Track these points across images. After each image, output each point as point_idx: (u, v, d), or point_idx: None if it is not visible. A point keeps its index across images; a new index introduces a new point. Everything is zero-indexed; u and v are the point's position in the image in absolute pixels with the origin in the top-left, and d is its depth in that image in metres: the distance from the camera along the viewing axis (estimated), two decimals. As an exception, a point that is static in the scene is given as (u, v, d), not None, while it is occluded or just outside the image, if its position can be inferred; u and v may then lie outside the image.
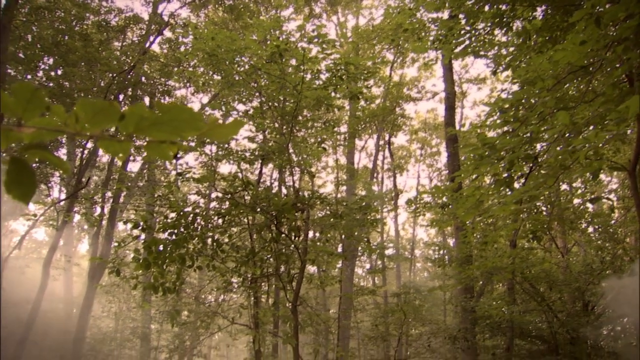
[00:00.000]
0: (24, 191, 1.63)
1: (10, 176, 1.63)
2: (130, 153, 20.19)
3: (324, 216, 8.92)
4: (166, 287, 6.98)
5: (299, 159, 11.72)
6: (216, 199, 7.95)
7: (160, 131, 1.36)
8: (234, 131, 1.38)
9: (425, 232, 38.61)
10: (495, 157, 5.69)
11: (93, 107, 1.35)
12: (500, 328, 14.67)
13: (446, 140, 16.62)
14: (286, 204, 7.10)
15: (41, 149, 1.66)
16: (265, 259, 8.75)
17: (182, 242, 6.80)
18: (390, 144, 30.22)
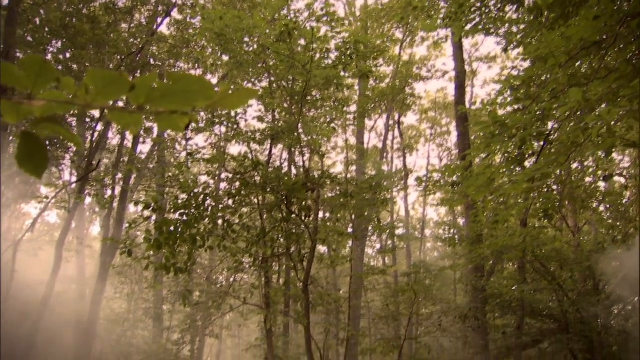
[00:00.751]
0: (36, 165, 1.63)
1: (22, 151, 1.62)
2: (140, 134, 20.23)
3: (334, 196, 8.91)
4: (178, 268, 7.02)
5: (308, 138, 11.70)
6: (226, 179, 7.96)
7: (172, 102, 1.35)
8: (245, 100, 1.36)
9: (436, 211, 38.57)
10: (506, 135, 5.63)
11: (103, 78, 1.34)
12: (511, 307, 14.68)
13: (456, 120, 16.51)
14: (296, 183, 7.09)
15: (52, 122, 1.65)
16: (276, 239, 8.77)
17: (192, 222, 6.82)
18: (400, 123, 30.10)
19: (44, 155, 1.64)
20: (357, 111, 19.92)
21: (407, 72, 24.12)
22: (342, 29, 9.27)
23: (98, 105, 1.39)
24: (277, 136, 9.75)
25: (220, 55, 13.56)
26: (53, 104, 1.45)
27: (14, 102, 1.45)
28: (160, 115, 1.40)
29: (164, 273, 15.72)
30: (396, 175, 21.16)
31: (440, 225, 25.77)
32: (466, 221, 15.14)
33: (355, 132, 23.07)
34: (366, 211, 10.81)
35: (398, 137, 31.31)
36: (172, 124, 1.47)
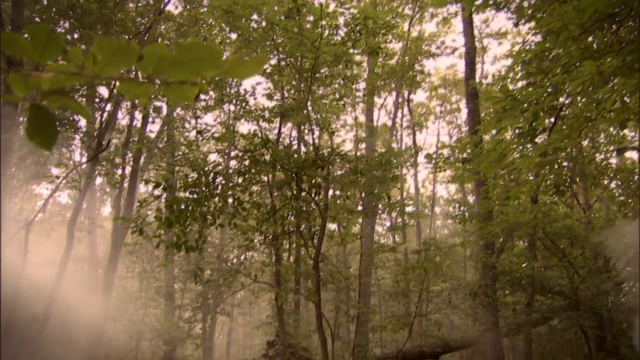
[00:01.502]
0: (46, 138, 1.62)
1: (31, 123, 1.61)
2: (149, 114, 20.21)
3: (344, 173, 8.89)
4: (189, 245, 7.05)
5: (317, 116, 11.66)
6: (236, 157, 7.95)
7: (181, 71, 1.33)
8: (256, 69, 1.34)
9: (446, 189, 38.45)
10: (518, 109, 5.57)
11: (111, 48, 1.32)
12: (521, 284, 14.67)
13: (466, 96, 16.38)
14: (306, 161, 7.08)
15: (61, 95, 1.63)
16: (286, 217, 8.79)
17: (203, 200, 6.83)
18: (410, 101, 29.93)
19: (54, 128, 1.63)
20: (366, 88, 19.80)
21: (416, 49, 23.91)
22: (351, 5, 9.17)
23: (106, 76, 1.37)
24: (286, 114, 9.71)
25: (228, 33, 13.46)
26: (61, 75, 1.43)
27: (22, 73, 1.43)
28: (169, 85, 1.38)
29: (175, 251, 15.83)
30: (406, 152, 21.12)
31: (451, 203, 25.74)
32: (476, 198, 15.10)
33: (365, 109, 22.98)
34: (376, 188, 10.79)
35: (407, 114, 31.17)
36: (182, 95, 1.45)
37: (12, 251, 20.93)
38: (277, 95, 11.33)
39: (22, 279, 19.95)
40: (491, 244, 14.30)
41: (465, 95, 16.67)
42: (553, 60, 5.91)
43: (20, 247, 20.82)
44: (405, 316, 15.49)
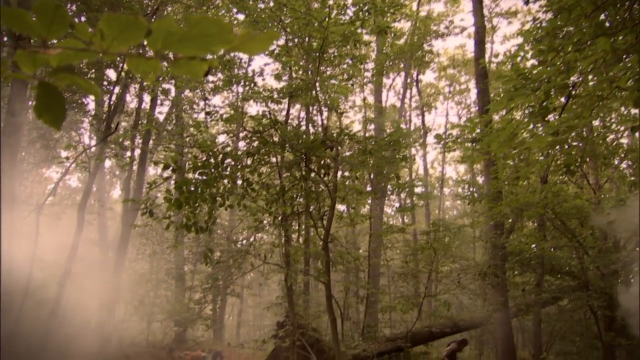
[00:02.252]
0: (54, 116, 1.60)
1: (40, 101, 1.59)
2: (157, 95, 20.18)
3: (353, 153, 8.85)
4: (198, 226, 7.06)
5: (325, 97, 11.60)
6: (245, 138, 7.93)
7: (190, 46, 1.31)
8: (266, 44, 1.31)
9: (454, 170, 38.36)
10: (529, 88, 5.51)
11: (119, 23, 1.30)
12: (530, 264, 14.66)
13: (476, 76, 16.24)
14: (315, 141, 7.04)
15: (69, 72, 1.61)
16: (296, 197, 8.78)
17: (212, 181, 6.83)
18: (418, 81, 29.75)
19: (62, 105, 1.62)
20: (375, 69, 19.69)
21: (425, 29, 23.71)
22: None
23: (115, 52, 1.35)
24: (295, 94, 9.66)
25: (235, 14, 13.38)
26: (69, 52, 1.41)
27: (29, 50, 1.41)
28: (178, 61, 1.36)
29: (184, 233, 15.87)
30: (414, 133, 21.03)
31: (460, 184, 25.66)
32: (486, 179, 15.03)
33: (373, 90, 22.85)
34: (385, 169, 10.76)
35: (416, 95, 31.01)
36: (191, 71, 1.43)
37: (23, 235, 21.09)
38: (285, 76, 11.27)
39: (34, 262, 20.13)
40: (500, 225, 14.27)
41: (475, 75, 16.53)
42: (565, 38, 5.83)
43: (31, 230, 20.98)
44: (414, 297, 15.54)
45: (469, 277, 14.61)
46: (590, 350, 15.95)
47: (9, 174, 14.46)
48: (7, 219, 15.18)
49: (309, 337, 13.70)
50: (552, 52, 5.80)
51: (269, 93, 9.66)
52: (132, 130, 20.24)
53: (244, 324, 35.97)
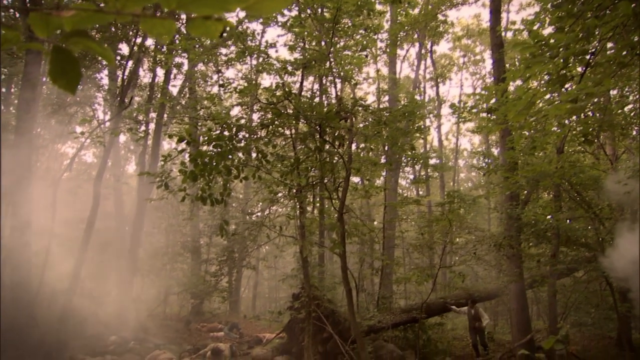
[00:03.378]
0: (69, 80, 1.59)
1: (54, 66, 1.58)
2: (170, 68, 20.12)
3: (368, 124, 8.79)
4: (214, 198, 7.08)
5: (339, 69, 11.51)
6: (259, 110, 7.90)
7: (205, 5, 1.28)
8: (282, 3, 1.28)
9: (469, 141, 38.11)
10: (547, 55, 5.41)
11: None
12: (546, 236, 14.58)
13: (491, 46, 15.99)
14: (330, 112, 7.00)
15: (83, 37, 1.59)
16: (310, 169, 8.77)
17: (227, 154, 6.82)
18: (433, 52, 29.42)
19: (77, 70, 1.60)
20: (388, 39, 19.47)
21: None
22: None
23: (128, 12, 1.33)
24: (309, 65, 9.59)
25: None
26: (83, 13, 1.39)
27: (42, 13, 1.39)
28: (193, 21, 1.34)
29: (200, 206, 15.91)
30: (429, 104, 20.87)
31: (475, 155, 25.52)
32: (501, 149, 14.89)
33: (387, 62, 22.65)
34: (400, 140, 10.69)
35: (430, 66, 30.71)
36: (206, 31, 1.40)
37: (41, 210, 21.34)
38: (299, 47, 11.18)
39: (52, 236, 20.39)
40: (516, 196, 14.18)
41: (490, 45, 16.26)
42: (584, 3, 5.69)
43: (49, 205, 21.21)
44: (429, 268, 15.56)
45: (484, 249, 14.59)
46: (605, 322, 15.92)
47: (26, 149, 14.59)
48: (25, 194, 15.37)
49: (325, 308, 13.82)
50: (571, 18, 5.68)
51: (282, 64, 9.60)
52: (146, 104, 20.25)
53: (259, 297, 36.32)
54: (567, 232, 14.66)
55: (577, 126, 9.95)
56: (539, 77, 7.99)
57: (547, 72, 5.84)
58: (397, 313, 15.46)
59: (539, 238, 14.80)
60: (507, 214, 13.85)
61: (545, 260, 15.42)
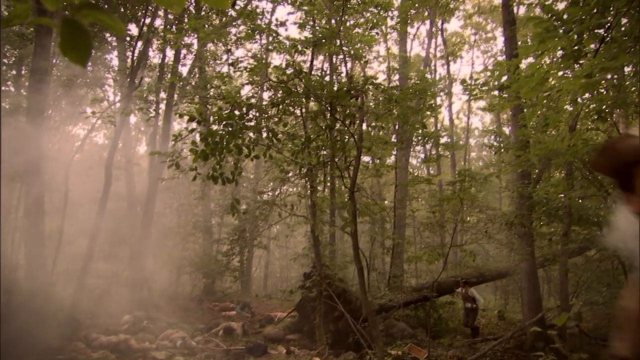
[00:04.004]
0: (80, 53, 1.58)
1: (64, 38, 1.56)
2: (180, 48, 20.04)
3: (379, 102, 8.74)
4: (225, 177, 7.09)
5: (349, 48, 11.42)
6: (269, 88, 7.86)
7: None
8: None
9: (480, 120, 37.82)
10: (562, 30, 5.32)
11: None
12: (557, 214, 14.50)
13: (503, 23, 15.78)
14: (340, 90, 6.95)
15: (93, 9, 1.58)
16: (321, 147, 8.76)
17: (237, 132, 6.81)
18: (444, 30, 29.14)
19: (88, 42, 1.59)
20: (399, 17, 19.27)
21: (450, -25, 23.05)
22: None
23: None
24: (319, 43, 9.52)
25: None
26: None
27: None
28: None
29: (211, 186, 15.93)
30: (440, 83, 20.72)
31: (486, 133, 25.35)
32: (512, 128, 14.77)
33: (398, 41, 22.46)
34: (411, 118, 10.63)
35: (441, 44, 30.43)
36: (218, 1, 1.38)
37: (54, 191, 21.51)
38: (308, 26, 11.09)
39: (65, 217, 20.56)
40: (527, 174, 14.10)
41: (502, 22, 16.05)
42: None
43: (61, 187, 21.37)
44: (440, 247, 15.57)
45: (495, 227, 14.55)
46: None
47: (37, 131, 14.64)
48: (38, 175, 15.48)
49: (336, 287, 13.88)
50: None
51: (292, 43, 9.53)
52: (157, 84, 20.24)
53: (270, 276, 36.54)
54: (579, 210, 14.57)
55: (590, 103, 9.84)
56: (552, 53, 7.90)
57: (560, 48, 5.76)
58: (408, 292, 15.51)
59: (550, 217, 14.72)
60: (518, 193, 13.78)
61: (557, 239, 15.36)
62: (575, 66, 5.90)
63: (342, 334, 13.31)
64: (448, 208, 13.89)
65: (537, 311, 12.42)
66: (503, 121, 28.22)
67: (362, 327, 12.79)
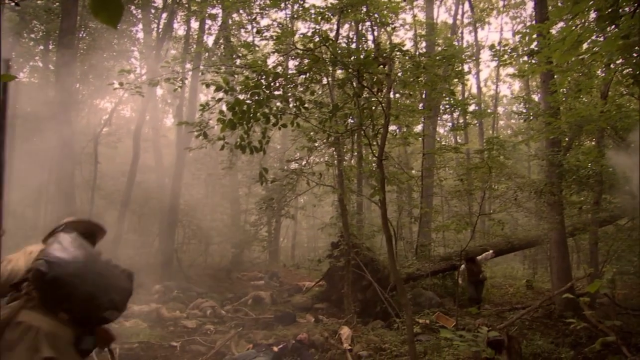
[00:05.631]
0: (111, 14, 1.56)
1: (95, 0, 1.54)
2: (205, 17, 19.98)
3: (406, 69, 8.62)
4: (253, 146, 7.10)
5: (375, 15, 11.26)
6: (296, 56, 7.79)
7: None
8: None
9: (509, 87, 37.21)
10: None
11: None
12: (588, 183, 14.27)
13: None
14: (368, 57, 6.87)
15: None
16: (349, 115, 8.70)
17: (265, 101, 6.79)
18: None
19: (119, 2, 1.57)
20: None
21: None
22: None
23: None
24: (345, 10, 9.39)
25: None
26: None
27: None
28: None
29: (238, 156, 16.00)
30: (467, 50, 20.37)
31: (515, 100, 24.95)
32: (542, 95, 14.48)
33: (424, 7, 22.08)
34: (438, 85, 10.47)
35: (468, 10, 29.83)
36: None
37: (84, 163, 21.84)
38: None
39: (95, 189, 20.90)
40: (557, 142, 13.86)
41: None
42: None
43: (91, 159, 21.69)
44: (468, 216, 15.47)
45: (524, 195, 14.39)
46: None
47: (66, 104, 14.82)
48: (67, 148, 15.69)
49: (364, 256, 13.93)
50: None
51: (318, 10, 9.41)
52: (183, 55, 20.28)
53: (298, 246, 36.78)
54: (610, 178, 14.33)
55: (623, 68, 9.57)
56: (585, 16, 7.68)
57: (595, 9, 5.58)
58: (435, 261, 15.51)
59: (581, 185, 14.49)
60: (548, 161, 13.57)
61: (587, 207, 15.15)
62: (609, 29, 5.73)
63: (370, 302, 13.40)
64: (476, 176, 13.74)
65: (566, 281, 12.31)
66: (532, 88, 27.72)
67: (389, 296, 12.85)
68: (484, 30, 72.01)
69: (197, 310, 13.87)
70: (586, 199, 15.87)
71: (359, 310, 13.00)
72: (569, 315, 10.42)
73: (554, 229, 13.22)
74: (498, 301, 15.38)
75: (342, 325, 11.52)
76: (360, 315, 12.77)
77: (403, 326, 10.95)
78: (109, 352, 3.83)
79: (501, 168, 12.84)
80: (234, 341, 10.53)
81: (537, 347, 9.67)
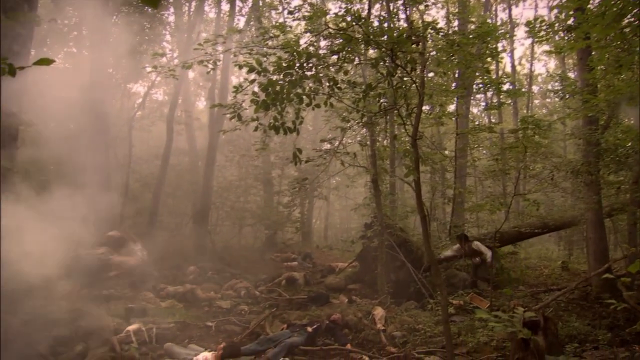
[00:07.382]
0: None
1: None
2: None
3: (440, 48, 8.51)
4: (286, 127, 7.11)
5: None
6: (328, 36, 7.75)
7: None
8: None
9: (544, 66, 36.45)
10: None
11: None
12: (627, 162, 13.94)
13: (570, -40, 14.98)
14: (401, 35, 6.80)
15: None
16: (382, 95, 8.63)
17: (298, 82, 6.79)
18: (505, -29, 27.92)
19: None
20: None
21: None
22: None
23: None
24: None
25: None
26: None
27: None
28: None
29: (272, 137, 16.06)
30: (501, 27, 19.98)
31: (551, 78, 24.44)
32: (579, 72, 14.13)
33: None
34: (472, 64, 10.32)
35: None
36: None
37: (118, 147, 22.19)
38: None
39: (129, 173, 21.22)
40: (595, 120, 13.55)
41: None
42: None
43: (125, 143, 22.02)
44: (502, 196, 15.28)
45: (561, 175, 14.14)
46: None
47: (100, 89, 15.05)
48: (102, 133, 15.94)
49: (397, 237, 13.91)
50: None
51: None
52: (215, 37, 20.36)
53: (331, 227, 36.86)
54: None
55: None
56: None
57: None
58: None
59: (619, 164, 14.15)
60: (585, 140, 13.29)
61: (626, 187, 14.81)
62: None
63: (403, 283, 13.39)
64: (511, 156, 13.55)
65: (603, 262, 12.11)
66: (568, 66, 27.10)
67: (423, 277, 12.83)
68: (518, 7, 70.42)
69: (231, 290, 14.05)
70: (625, 178, 15.50)
71: (392, 291, 13.02)
72: (606, 297, 10.25)
73: (591, 209, 12.98)
74: (533, 282, 15.21)
75: (375, 305, 11.55)
76: (393, 296, 12.79)
77: (437, 307, 10.94)
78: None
79: (536, 147, 12.63)
80: (268, 321, 10.65)
81: (573, 328, 9.57)
